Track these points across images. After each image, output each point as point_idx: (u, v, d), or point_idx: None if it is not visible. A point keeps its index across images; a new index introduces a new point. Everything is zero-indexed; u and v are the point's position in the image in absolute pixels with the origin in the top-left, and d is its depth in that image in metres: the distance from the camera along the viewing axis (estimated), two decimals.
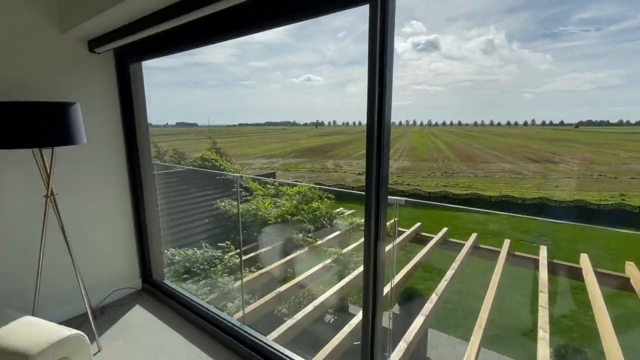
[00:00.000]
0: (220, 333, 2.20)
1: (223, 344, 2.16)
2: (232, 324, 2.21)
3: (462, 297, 7.98)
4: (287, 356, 1.91)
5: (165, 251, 3.24)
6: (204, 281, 3.72)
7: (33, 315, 1.78)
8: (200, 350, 2.14)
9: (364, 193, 1.51)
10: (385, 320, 1.75)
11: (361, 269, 4.46)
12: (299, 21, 1.45)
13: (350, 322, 3.18)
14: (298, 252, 4.64)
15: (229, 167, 7.84)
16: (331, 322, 5.07)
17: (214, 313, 2.35)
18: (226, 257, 4.28)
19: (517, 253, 5.47)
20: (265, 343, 2.02)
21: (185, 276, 4.15)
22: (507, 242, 5.50)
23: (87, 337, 1.66)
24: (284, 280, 4.21)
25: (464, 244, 5.31)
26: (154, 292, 2.78)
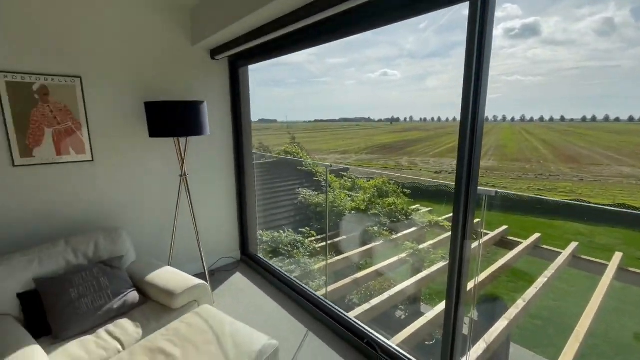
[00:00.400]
0: (306, 302, 2.50)
1: (308, 312, 2.45)
2: (317, 296, 2.48)
3: (554, 314, 7.08)
4: (366, 329, 2.09)
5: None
6: (288, 260, 4.16)
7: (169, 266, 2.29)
8: (289, 314, 2.46)
9: (444, 190, 1.55)
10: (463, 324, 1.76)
11: (437, 266, 4.37)
12: (404, 20, 1.56)
13: (427, 315, 3.21)
14: (373, 244, 4.77)
15: (307, 159, 8.33)
16: (402, 318, 5.08)
17: (301, 285, 2.66)
18: (306, 242, 4.67)
19: (631, 269, 4.63)
20: (347, 316, 2.23)
21: (270, 255, 4.65)
22: (618, 255, 4.70)
23: (210, 288, 2.10)
24: (358, 268, 4.41)
25: (560, 253, 4.71)
26: (250, 263, 3.24)
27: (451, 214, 1.56)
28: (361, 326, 2.12)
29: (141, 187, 2.65)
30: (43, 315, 1.71)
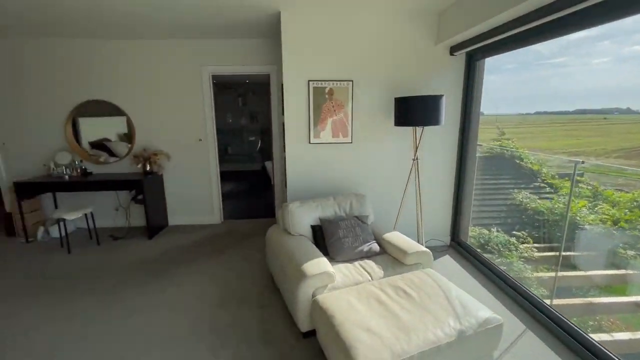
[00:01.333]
0: (524, 301, 2.40)
1: (526, 311, 2.36)
2: (541, 300, 2.34)
3: None
4: (615, 356, 1.82)
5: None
6: (498, 260, 3.96)
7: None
8: (503, 305, 2.46)
9: None
10: None
11: None
12: None
13: None
14: (621, 271, 3.70)
15: (528, 158, 7.21)
16: None
17: (517, 282, 2.56)
18: (521, 247, 4.24)
19: None
20: (584, 332, 2.01)
21: (477, 250, 4.53)
22: None
23: (431, 255, 2.42)
24: (588, 294, 3.58)
25: None
26: (460, 250, 3.37)
27: None
28: (606, 350, 1.86)
29: (381, 166, 3.31)
30: (323, 242, 2.57)
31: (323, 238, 2.59)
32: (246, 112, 8.65)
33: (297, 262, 2.20)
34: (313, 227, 2.68)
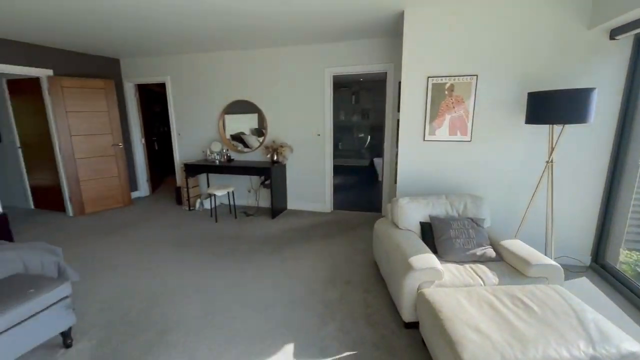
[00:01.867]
0: None
1: None
2: None
3: None
4: None
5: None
6: None
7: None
8: None
9: None
10: None
11: None
12: None
13: None
14: None
15: None
16: None
17: None
18: None
19: None
20: None
21: (631, 279, 3.65)
22: None
23: (562, 271, 2.13)
24: None
25: None
26: (603, 274, 2.80)
27: None
28: None
29: (503, 167, 3.04)
30: (432, 240, 2.56)
31: (432, 236, 2.58)
32: (358, 109, 8.95)
33: (404, 255, 2.28)
34: (422, 224, 2.69)
